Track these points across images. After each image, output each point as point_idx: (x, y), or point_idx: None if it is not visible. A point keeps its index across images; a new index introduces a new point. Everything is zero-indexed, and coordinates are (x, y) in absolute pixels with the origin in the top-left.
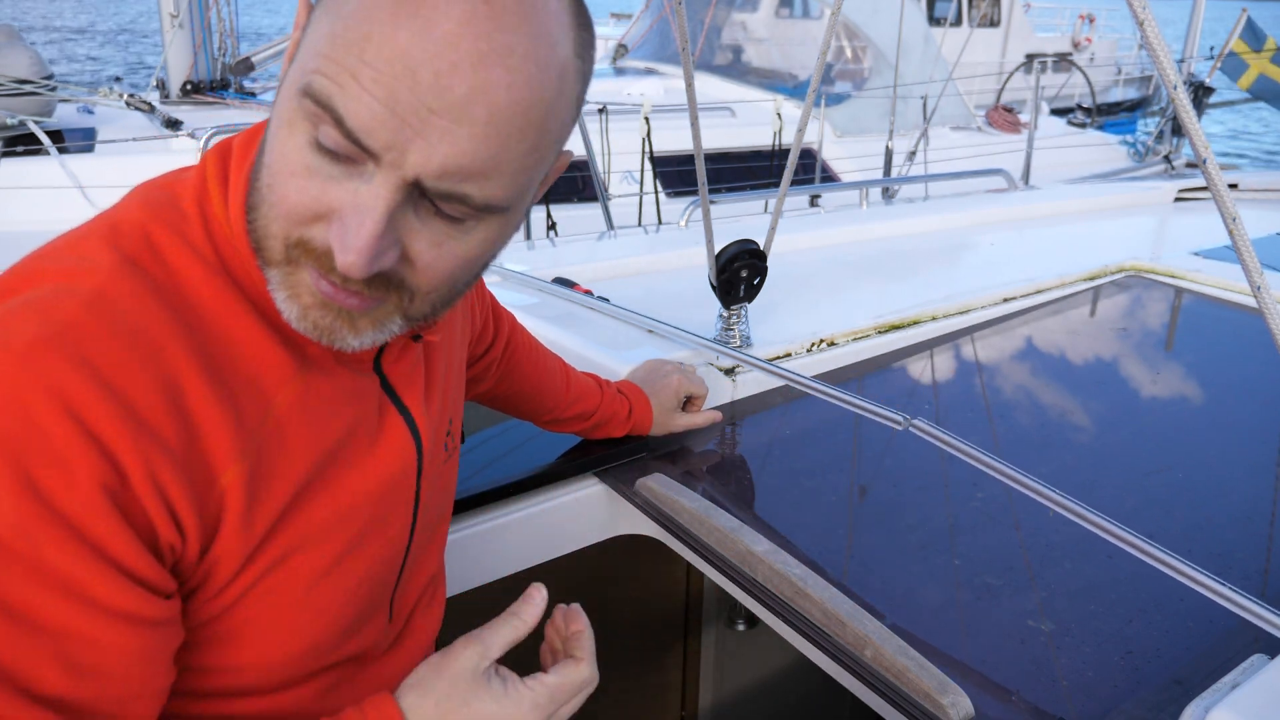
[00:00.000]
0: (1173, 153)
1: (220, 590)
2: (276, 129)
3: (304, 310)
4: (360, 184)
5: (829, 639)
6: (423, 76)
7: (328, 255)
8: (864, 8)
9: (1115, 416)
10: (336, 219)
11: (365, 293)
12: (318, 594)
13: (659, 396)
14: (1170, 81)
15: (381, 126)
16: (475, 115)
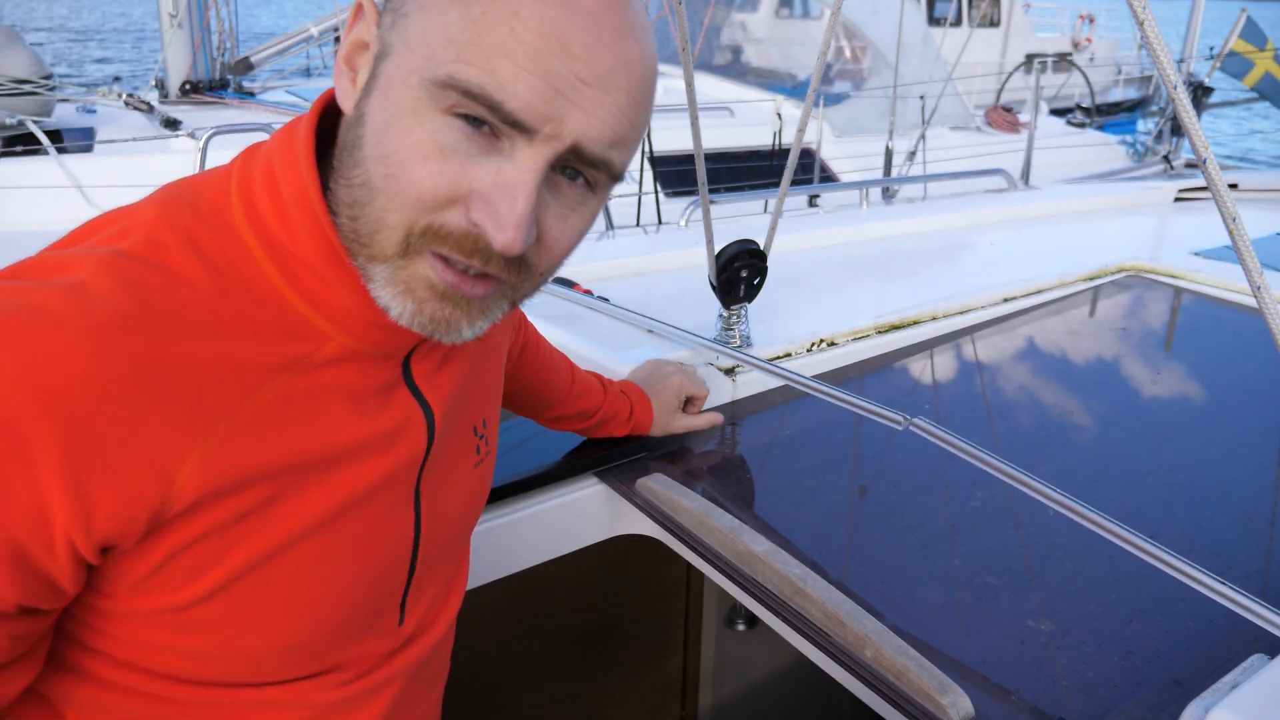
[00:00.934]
0: (1172, 153)
1: (193, 576)
2: (394, 120)
3: (419, 305)
4: (502, 161)
5: (829, 639)
6: (574, 48)
7: (467, 238)
8: (863, 8)
9: (1115, 416)
10: (479, 199)
11: (498, 276)
12: (306, 588)
13: (660, 397)
14: (1170, 81)
15: (541, 100)
16: (619, 84)
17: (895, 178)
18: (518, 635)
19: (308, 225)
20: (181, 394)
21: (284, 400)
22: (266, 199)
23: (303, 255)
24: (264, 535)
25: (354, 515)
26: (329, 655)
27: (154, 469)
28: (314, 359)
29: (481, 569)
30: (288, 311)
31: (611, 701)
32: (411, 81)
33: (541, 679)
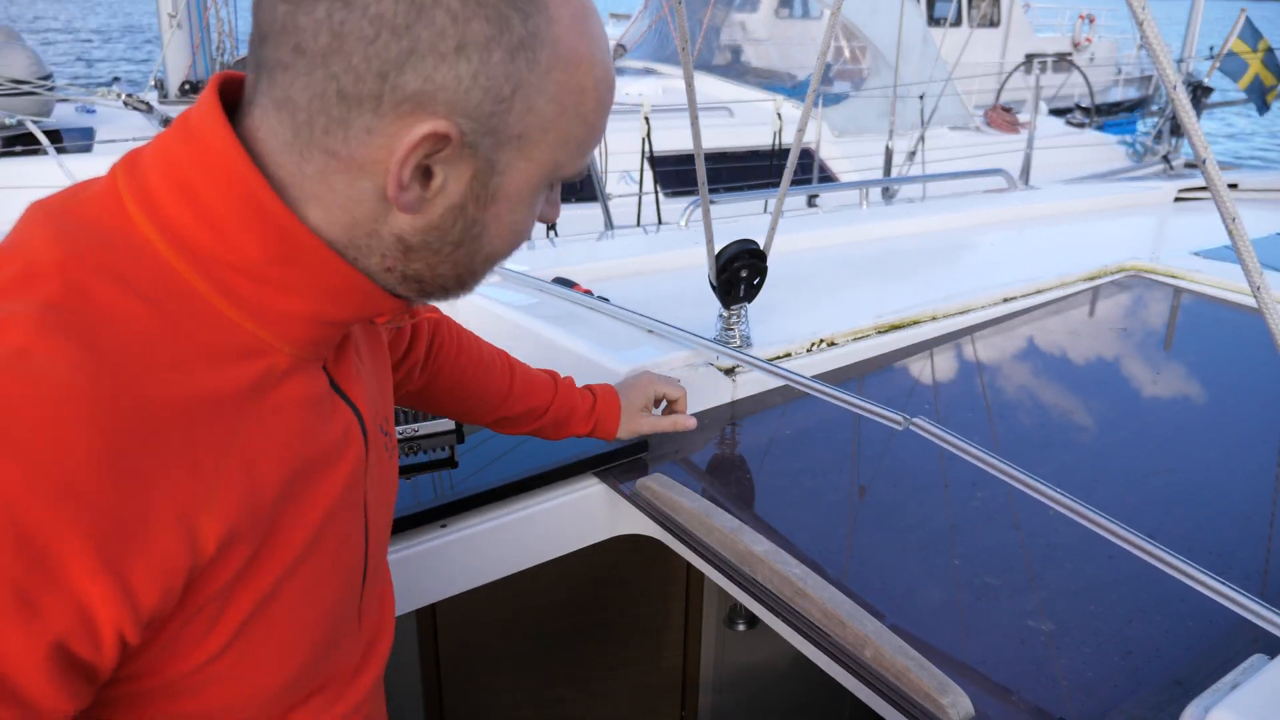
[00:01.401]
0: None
1: (207, 632)
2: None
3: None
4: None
5: (829, 639)
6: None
7: None
8: (863, 8)
9: (1115, 416)
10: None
11: None
12: (302, 618)
13: (627, 395)
14: (1170, 81)
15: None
16: None
17: (895, 178)
18: (518, 635)
19: (254, 228)
20: (175, 444)
21: (265, 427)
22: (186, 211)
23: (241, 263)
24: (268, 569)
25: (330, 530)
26: (313, 680)
27: (179, 529)
28: (274, 373)
29: (482, 569)
30: (235, 329)
31: (611, 701)
32: (540, 184)
33: (541, 679)
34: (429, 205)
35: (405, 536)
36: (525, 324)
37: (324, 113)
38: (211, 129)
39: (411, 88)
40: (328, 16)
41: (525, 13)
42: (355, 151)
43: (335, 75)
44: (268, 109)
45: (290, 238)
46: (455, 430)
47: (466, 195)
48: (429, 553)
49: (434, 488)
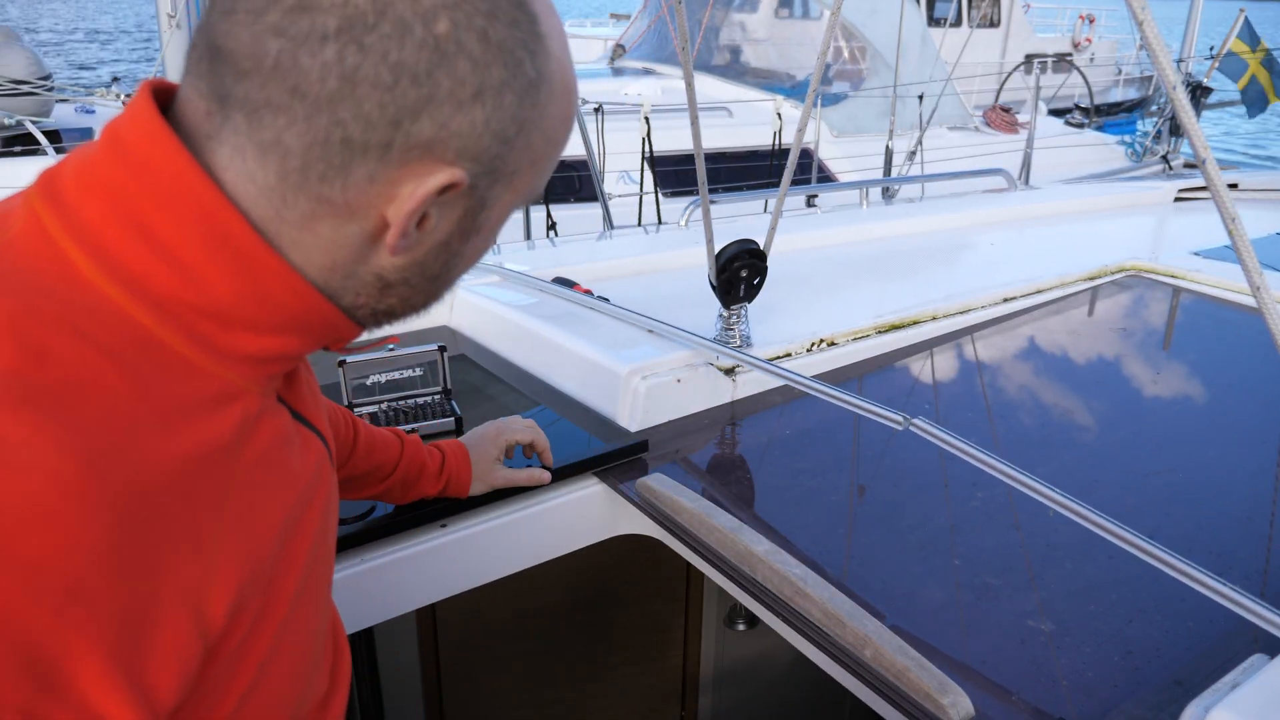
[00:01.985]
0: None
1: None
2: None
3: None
4: None
5: (829, 639)
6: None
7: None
8: (862, 8)
9: (1115, 416)
10: None
11: None
12: (302, 652)
13: (477, 448)
14: (1170, 82)
15: None
16: None
17: (895, 178)
18: (518, 635)
19: (225, 266)
20: (176, 516)
21: (253, 478)
22: (141, 250)
23: (207, 305)
24: (268, 627)
25: (315, 565)
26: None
27: (187, 612)
28: (249, 418)
29: (482, 569)
30: (204, 377)
31: (611, 701)
32: (515, 210)
33: (541, 678)
34: (418, 245)
35: (405, 536)
36: (525, 324)
37: (323, 160)
38: (164, 153)
39: (425, 135)
40: (338, 60)
41: (533, 52)
42: (351, 198)
43: (342, 122)
44: (245, 150)
45: (265, 275)
46: (456, 430)
47: (453, 232)
48: (429, 553)
49: None
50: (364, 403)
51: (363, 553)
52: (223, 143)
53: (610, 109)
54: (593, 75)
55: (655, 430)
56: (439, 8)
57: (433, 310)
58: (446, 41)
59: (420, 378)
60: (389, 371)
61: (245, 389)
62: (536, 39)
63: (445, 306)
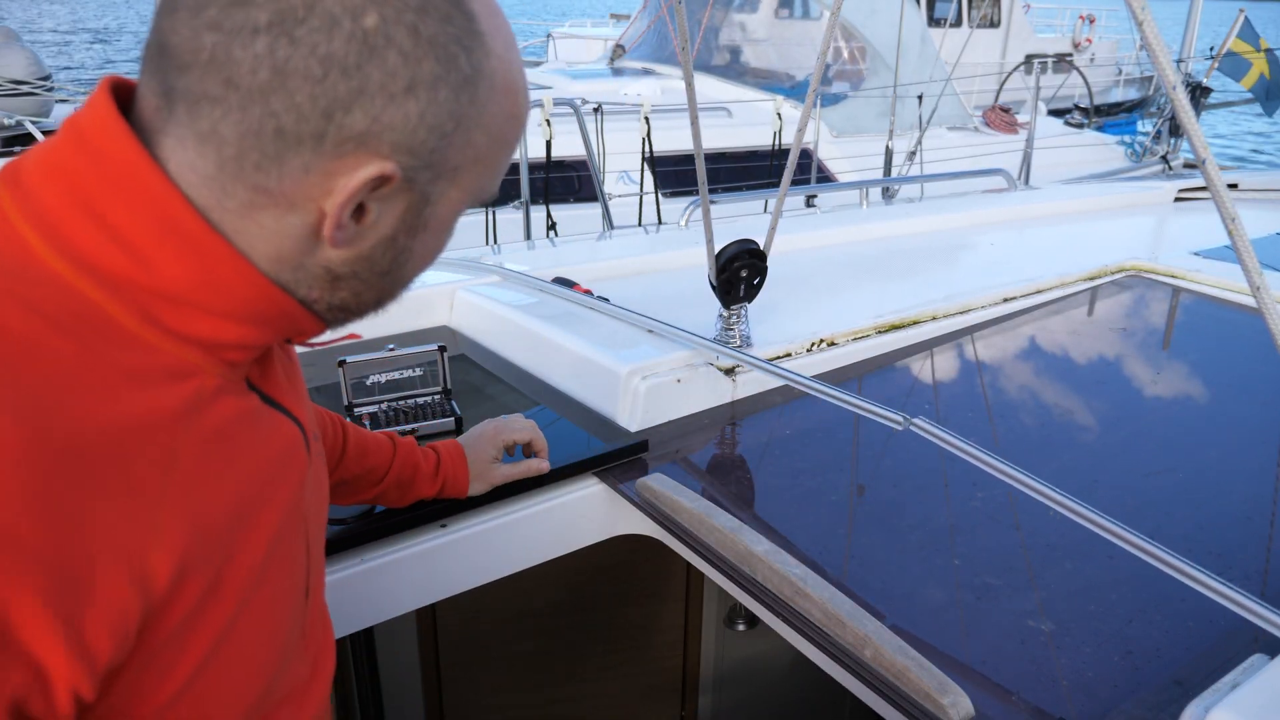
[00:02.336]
0: (1170, 153)
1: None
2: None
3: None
4: None
5: (829, 639)
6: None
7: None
8: (861, 8)
9: (1115, 416)
10: None
11: None
12: (265, 637)
13: (474, 449)
14: (1169, 82)
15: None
16: None
17: (895, 178)
18: (518, 635)
19: (174, 249)
20: (112, 475)
21: (204, 449)
22: (94, 233)
23: (160, 286)
24: (223, 603)
25: (279, 550)
26: (266, 705)
27: (127, 568)
28: (204, 394)
29: (482, 569)
30: (157, 353)
31: (611, 701)
32: (465, 209)
33: (541, 678)
34: (360, 239)
35: (405, 536)
36: (525, 324)
37: (257, 149)
38: (117, 144)
39: (358, 128)
40: (269, 52)
41: (469, 48)
42: (288, 189)
43: (275, 113)
44: (186, 141)
45: (214, 261)
46: (456, 430)
47: (399, 227)
48: (429, 553)
49: None
50: (364, 403)
51: (363, 553)
52: (168, 134)
53: (609, 109)
54: (592, 76)
55: (655, 430)
56: (368, 3)
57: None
58: (375, 35)
59: (420, 378)
60: (389, 371)
61: (201, 368)
62: (473, 36)
63: (445, 306)
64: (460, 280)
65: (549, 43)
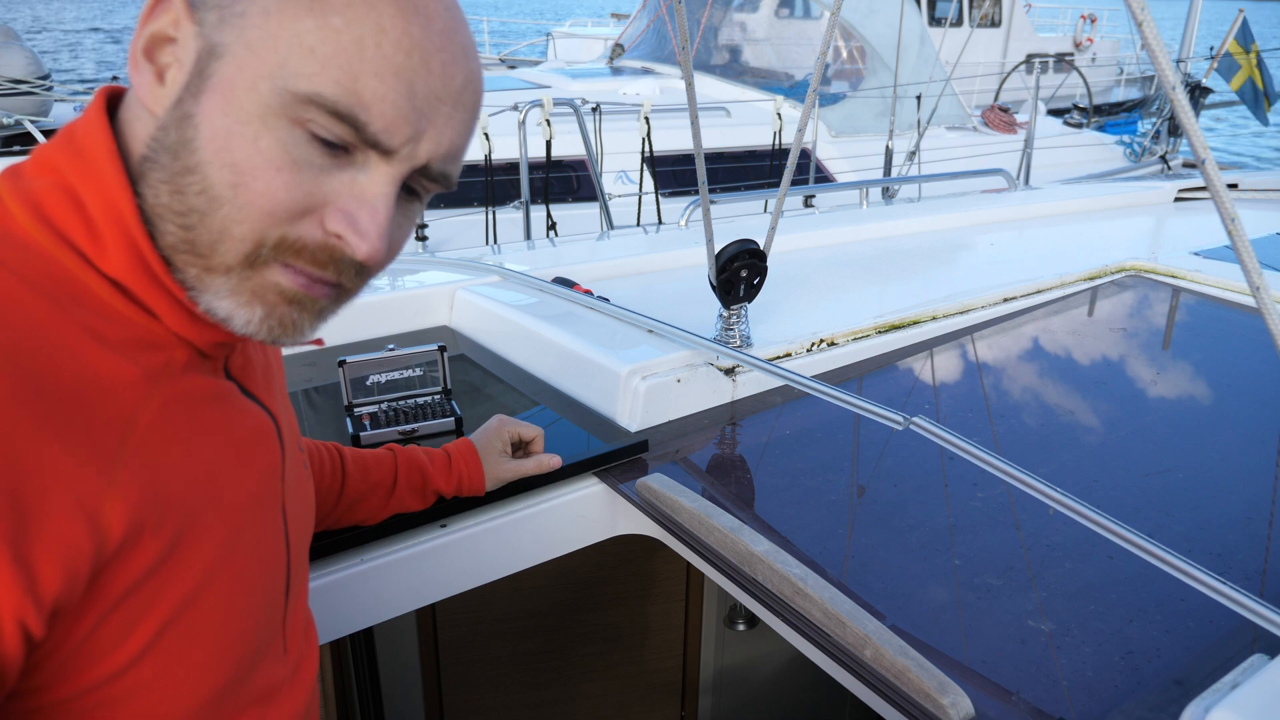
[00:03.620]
0: (1169, 153)
1: (125, 634)
2: (240, 125)
3: (269, 311)
4: (356, 172)
5: (829, 639)
6: (434, 65)
7: (323, 249)
8: (860, 8)
9: (1115, 416)
10: (336, 211)
11: (342, 281)
12: (225, 624)
13: (482, 443)
14: (1169, 82)
15: (403, 122)
16: (467, 101)
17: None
18: (518, 635)
19: (120, 244)
20: (72, 423)
21: (165, 417)
22: (73, 216)
23: (114, 273)
24: (184, 573)
25: (247, 536)
26: (239, 698)
27: (80, 511)
28: (173, 366)
29: (482, 569)
30: (128, 323)
31: (611, 701)
32: (261, 88)
33: (541, 678)
34: (161, 99)
35: (405, 536)
36: (525, 324)
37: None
38: (95, 138)
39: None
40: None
41: None
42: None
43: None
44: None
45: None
46: (456, 430)
47: (186, 86)
48: (429, 553)
49: None
50: (364, 403)
51: (363, 553)
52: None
53: (608, 109)
54: (591, 75)
55: (655, 430)
56: None
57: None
58: None
59: (420, 378)
60: (389, 371)
61: (172, 341)
62: None
63: (445, 306)
64: (460, 280)
65: (549, 42)
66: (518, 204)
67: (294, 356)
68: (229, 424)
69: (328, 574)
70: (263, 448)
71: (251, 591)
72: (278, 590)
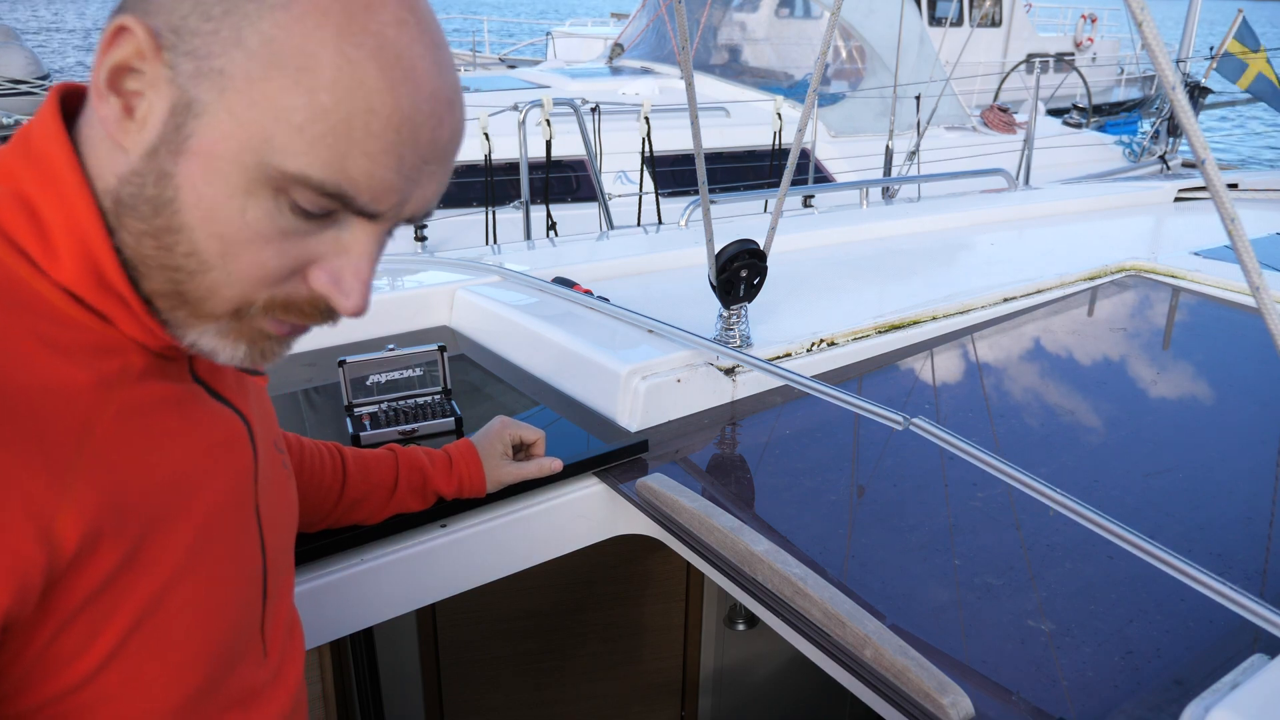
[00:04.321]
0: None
1: (86, 644)
2: (226, 200)
3: (252, 346)
4: (340, 232)
5: (829, 639)
6: (422, 134)
7: (309, 304)
8: (860, 8)
9: (1115, 416)
10: (322, 270)
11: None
12: (195, 628)
13: (484, 445)
14: (1169, 82)
15: (392, 192)
16: (451, 151)
17: (894, 178)
18: (518, 635)
19: (74, 252)
20: (23, 433)
21: (123, 424)
22: (24, 223)
23: (66, 281)
24: (147, 578)
25: (217, 539)
26: (215, 701)
27: (31, 524)
28: (129, 372)
29: (482, 569)
30: (83, 329)
31: (611, 701)
32: (246, 161)
33: (541, 678)
34: (133, 137)
35: (405, 536)
36: (525, 324)
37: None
38: (52, 146)
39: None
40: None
41: None
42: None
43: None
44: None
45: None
46: (456, 430)
47: (161, 136)
48: (429, 553)
49: None
50: (364, 403)
51: (363, 553)
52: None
53: (607, 109)
54: (590, 75)
55: (655, 430)
56: None
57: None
58: None
59: (420, 378)
60: (389, 372)
61: (129, 346)
62: None
63: (445, 306)
64: (460, 280)
65: (548, 42)
66: (518, 204)
67: (294, 356)
68: (195, 427)
69: (327, 574)
70: (233, 450)
71: (223, 595)
72: (254, 593)
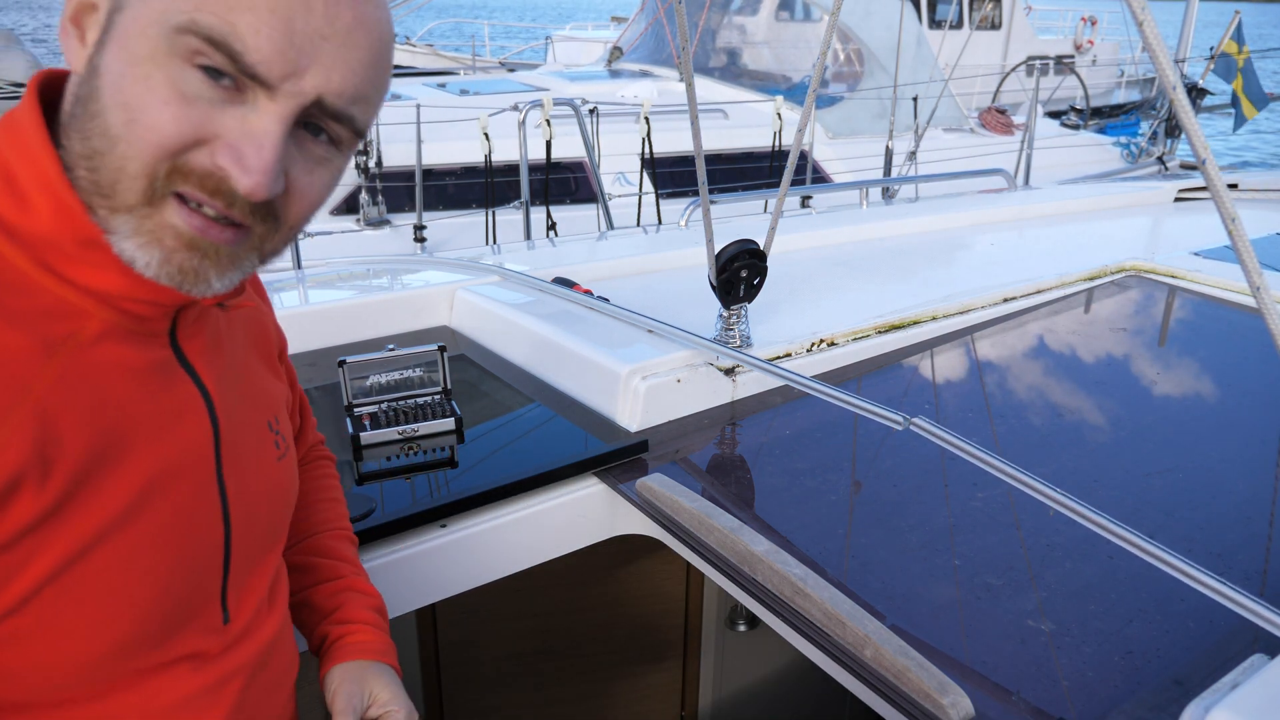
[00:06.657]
0: (1167, 154)
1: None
2: (131, 67)
3: (166, 255)
4: (248, 111)
5: (829, 639)
6: (315, 5)
7: (210, 178)
8: (858, 10)
9: (1115, 416)
10: (225, 145)
11: (245, 224)
12: (122, 585)
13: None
14: (1169, 82)
15: (280, 57)
16: (359, 41)
17: (894, 178)
18: (517, 635)
19: (49, 203)
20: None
21: (67, 386)
22: (3, 190)
23: (48, 235)
24: (71, 532)
25: (157, 504)
26: (152, 657)
27: None
28: (80, 338)
29: (482, 569)
30: (41, 293)
31: (611, 701)
32: (150, 31)
33: (541, 679)
34: (80, 57)
35: (405, 536)
36: (525, 324)
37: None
38: (25, 111)
39: None
40: None
41: None
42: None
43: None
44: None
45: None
46: (456, 430)
47: (97, 43)
48: (429, 553)
49: (434, 488)
50: (364, 403)
51: (362, 553)
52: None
53: (605, 111)
54: (589, 77)
55: (655, 430)
56: None
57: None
58: None
59: (420, 378)
60: (389, 371)
61: (86, 312)
62: None
63: (445, 306)
64: (460, 280)
65: (548, 46)
66: (517, 204)
67: (294, 357)
68: (148, 396)
69: None
70: (183, 421)
71: (162, 558)
72: (208, 561)
